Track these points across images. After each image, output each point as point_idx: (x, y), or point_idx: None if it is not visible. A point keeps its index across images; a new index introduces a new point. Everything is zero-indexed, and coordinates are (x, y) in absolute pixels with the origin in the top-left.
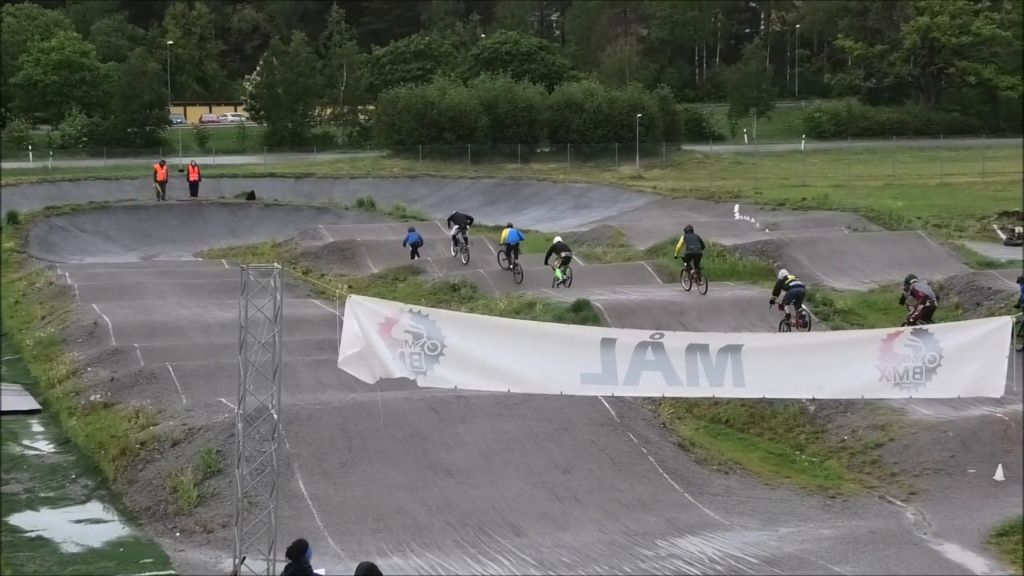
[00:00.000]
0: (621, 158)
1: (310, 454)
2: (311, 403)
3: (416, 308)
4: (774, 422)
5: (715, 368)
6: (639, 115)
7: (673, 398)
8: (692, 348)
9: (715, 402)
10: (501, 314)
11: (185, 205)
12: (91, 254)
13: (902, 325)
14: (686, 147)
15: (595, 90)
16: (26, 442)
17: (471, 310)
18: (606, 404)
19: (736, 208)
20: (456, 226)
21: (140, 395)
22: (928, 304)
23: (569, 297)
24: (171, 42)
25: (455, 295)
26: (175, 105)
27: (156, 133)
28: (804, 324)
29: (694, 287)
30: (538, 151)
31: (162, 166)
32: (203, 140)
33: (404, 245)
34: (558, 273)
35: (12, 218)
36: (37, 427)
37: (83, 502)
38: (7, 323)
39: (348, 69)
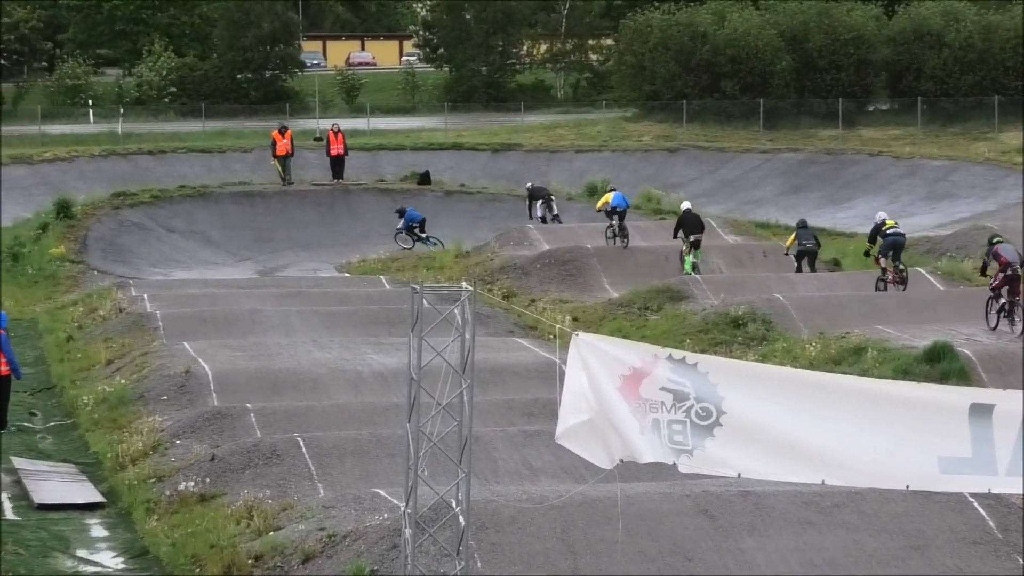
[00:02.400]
0: (1004, 120)
1: None
2: (516, 499)
3: (678, 353)
4: None
5: None
6: None
7: None
8: None
9: None
10: (810, 364)
11: (324, 192)
12: (182, 265)
13: (989, 299)
14: None
15: (962, 12)
16: (82, 552)
17: (764, 357)
18: (979, 508)
19: None
20: (539, 201)
21: (255, 483)
22: (1011, 272)
23: (919, 340)
24: None
25: (739, 333)
26: (309, 39)
27: (280, 81)
28: (902, 281)
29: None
30: (870, 109)
31: (283, 134)
32: (351, 93)
33: (399, 229)
34: (686, 264)
35: (63, 209)
36: (99, 530)
37: None
38: (55, 370)
39: None
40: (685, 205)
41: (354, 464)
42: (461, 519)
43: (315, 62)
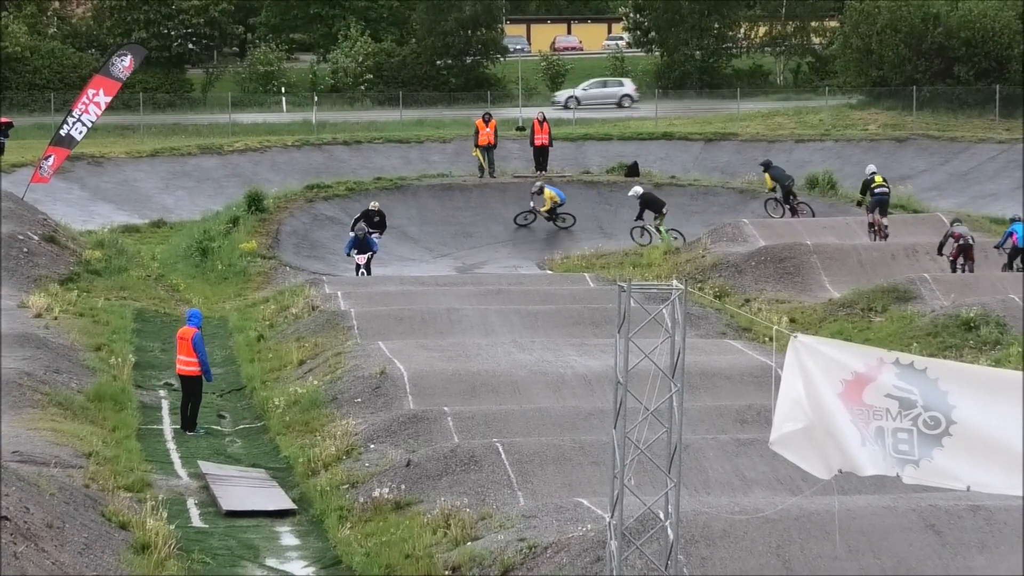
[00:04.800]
0: None
1: None
2: (728, 511)
3: (906, 357)
4: None
5: None
6: None
7: None
8: None
9: None
10: None
11: (527, 185)
12: (377, 261)
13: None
14: None
15: None
16: (272, 562)
17: (997, 363)
18: None
19: None
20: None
21: (452, 490)
22: (963, 243)
23: None
24: None
25: (971, 337)
26: (513, 23)
27: (482, 67)
28: (885, 236)
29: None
30: None
31: (487, 123)
32: (556, 79)
33: (348, 254)
34: (663, 234)
35: (254, 202)
36: (289, 538)
37: None
38: (245, 370)
39: None
40: (638, 189)
41: (556, 472)
42: (670, 532)
43: (518, 47)
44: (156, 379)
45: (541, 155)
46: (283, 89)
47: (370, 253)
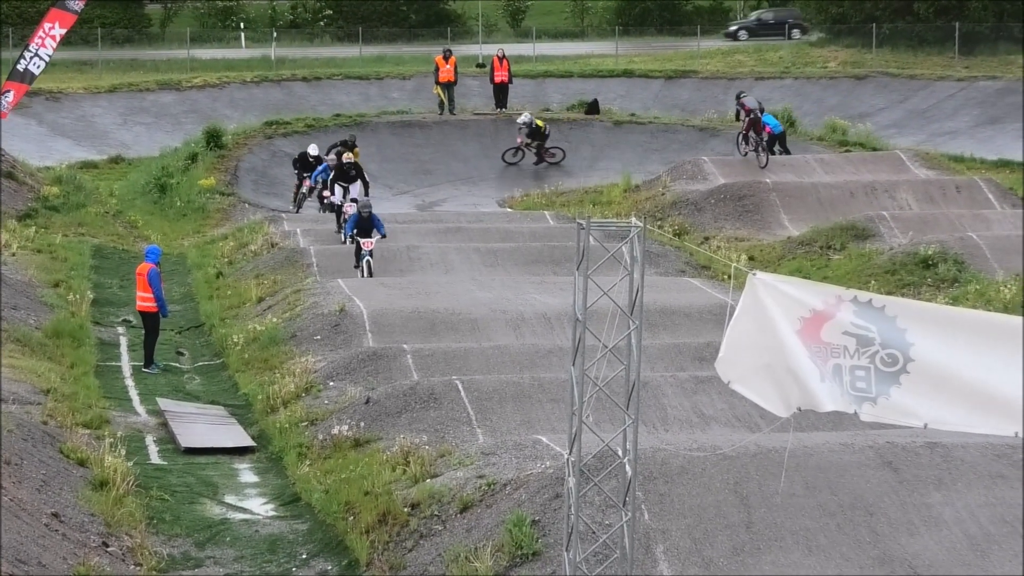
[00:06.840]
0: None
1: (683, 531)
2: (686, 448)
3: (864, 295)
4: None
5: None
6: None
7: None
8: None
9: None
10: (1005, 307)
11: (487, 122)
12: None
13: (738, 138)
14: None
15: None
16: (230, 499)
17: (955, 300)
18: None
19: None
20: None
21: (411, 428)
22: (753, 116)
23: None
24: None
25: (928, 274)
26: None
27: (442, 4)
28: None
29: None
30: None
31: (446, 60)
32: (516, 16)
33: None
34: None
35: (213, 138)
36: (248, 475)
37: None
38: (203, 307)
39: None
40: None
41: (515, 409)
42: (628, 468)
43: None
44: (114, 316)
45: (501, 92)
46: (242, 25)
47: (377, 236)
